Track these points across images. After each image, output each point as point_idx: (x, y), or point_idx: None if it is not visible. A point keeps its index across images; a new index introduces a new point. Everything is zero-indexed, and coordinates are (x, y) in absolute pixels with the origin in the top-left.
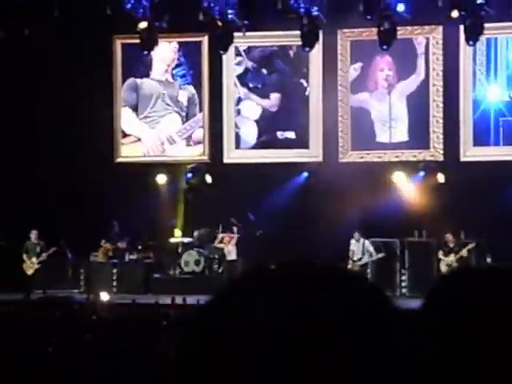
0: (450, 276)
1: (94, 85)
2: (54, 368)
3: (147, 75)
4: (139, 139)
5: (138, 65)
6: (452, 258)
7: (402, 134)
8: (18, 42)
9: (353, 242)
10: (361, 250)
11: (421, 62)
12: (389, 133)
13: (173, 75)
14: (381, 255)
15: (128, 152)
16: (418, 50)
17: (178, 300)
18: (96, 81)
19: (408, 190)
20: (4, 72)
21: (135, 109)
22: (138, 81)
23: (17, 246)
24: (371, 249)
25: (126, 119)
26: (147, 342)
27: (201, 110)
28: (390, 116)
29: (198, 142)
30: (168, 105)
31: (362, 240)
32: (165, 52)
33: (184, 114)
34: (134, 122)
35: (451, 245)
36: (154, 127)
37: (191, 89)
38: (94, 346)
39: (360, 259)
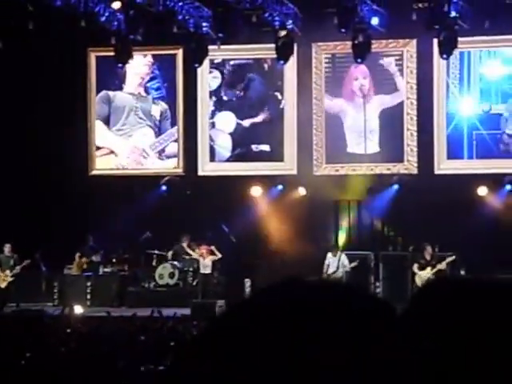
0: (429, 286)
1: (69, 97)
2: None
3: (120, 88)
4: (112, 151)
5: (112, 78)
6: (428, 271)
7: (375, 145)
8: None
9: (329, 255)
10: (336, 264)
11: (399, 80)
12: (363, 144)
13: (146, 88)
14: (353, 264)
15: (101, 165)
16: (391, 70)
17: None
18: (71, 93)
19: (381, 202)
20: None
21: (107, 121)
22: (111, 93)
23: None
24: (346, 262)
25: (98, 132)
26: (121, 355)
27: (173, 124)
28: (364, 127)
29: (172, 156)
30: (141, 118)
31: (338, 254)
32: (139, 66)
33: (157, 128)
34: (105, 134)
35: (428, 258)
36: (128, 139)
37: (163, 104)
38: (67, 358)
39: (334, 272)
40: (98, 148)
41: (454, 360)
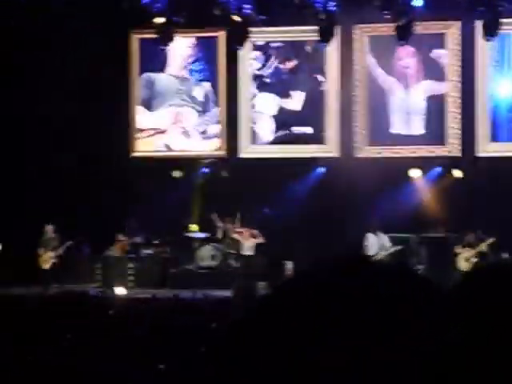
0: (477, 272)
1: (111, 80)
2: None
3: (162, 70)
4: (160, 131)
5: (154, 60)
6: (471, 253)
7: (419, 127)
8: (34, 38)
9: (371, 236)
10: (377, 244)
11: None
12: (408, 125)
13: (190, 70)
14: (398, 247)
15: (145, 147)
16: (443, 62)
17: (199, 294)
18: (113, 75)
19: (425, 185)
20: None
21: (148, 105)
22: (153, 76)
23: (33, 240)
24: (388, 244)
25: (141, 113)
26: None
27: (217, 105)
28: (408, 107)
29: (214, 137)
30: (184, 100)
31: (380, 234)
32: (182, 47)
33: (201, 109)
34: (147, 116)
35: (470, 240)
36: (169, 122)
37: (207, 85)
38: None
39: (376, 254)
40: (141, 130)
41: (478, 350)
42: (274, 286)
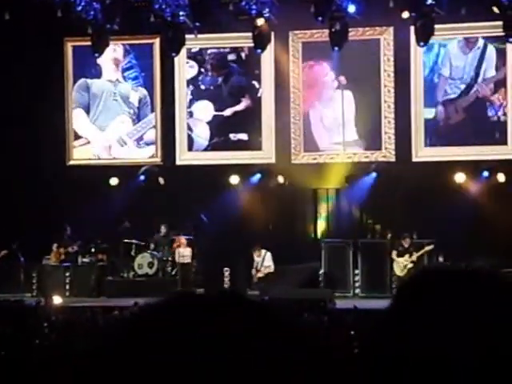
0: (418, 276)
1: (46, 87)
2: (4, 372)
3: (98, 76)
4: (89, 142)
5: (89, 67)
6: (406, 258)
7: (352, 134)
8: None
9: (255, 256)
10: (261, 263)
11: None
12: (341, 133)
13: (124, 78)
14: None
15: (79, 155)
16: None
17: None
18: (47, 83)
19: (360, 191)
20: None
21: (87, 110)
22: (89, 81)
23: None
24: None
25: (79, 120)
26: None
27: (152, 110)
28: (342, 115)
29: (150, 143)
30: (118, 104)
31: (263, 253)
32: (112, 51)
33: (135, 115)
34: (85, 123)
35: (406, 245)
36: (104, 129)
37: (143, 90)
38: (45, 349)
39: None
40: (78, 137)
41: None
42: (209, 293)
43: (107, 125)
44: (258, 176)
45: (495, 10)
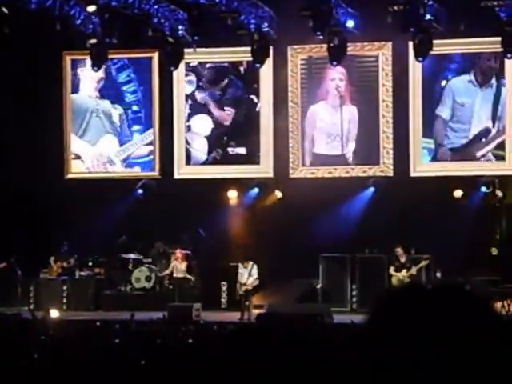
0: (394, 292)
1: (44, 101)
2: None
3: (76, 91)
4: (79, 157)
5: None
6: (404, 273)
7: (351, 148)
8: None
9: (240, 266)
10: (246, 274)
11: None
12: (340, 146)
13: (123, 91)
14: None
15: (74, 168)
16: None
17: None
18: (46, 96)
19: (357, 205)
20: None
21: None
22: (72, 96)
23: None
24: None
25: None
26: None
27: (150, 126)
28: (341, 129)
29: (136, 164)
30: (102, 122)
31: (250, 264)
32: (91, 70)
33: (117, 133)
34: (73, 138)
35: (403, 260)
36: (95, 144)
37: (119, 107)
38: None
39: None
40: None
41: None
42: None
43: (97, 139)
44: (256, 190)
45: (494, 26)
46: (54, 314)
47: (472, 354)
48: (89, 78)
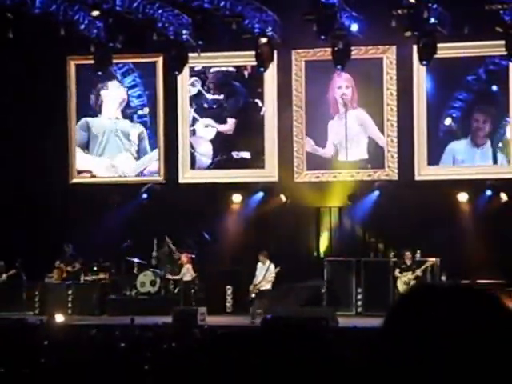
0: (410, 294)
1: (49, 104)
2: None
3: (97, 115)
4: (93, 175)
5: (90, 104)
6: (409, 276)
7: (356, 152)
8: None
9: (259, 265)
10: (263, 274)
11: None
12: (345, 151)
13: (128, 96)
14: (277, 269)
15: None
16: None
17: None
18: (49, 101)
19: (362, 209)
20: None
21: (86, 147)
22: (89, 120)
23: None
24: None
25: (77, 156)
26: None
27: (153, 145)
28: (346, 134)
29: (150, 174)
30: (121, 141)
31: (267, 263)
32: (115, 91)
33: (135, 152)
34: (85, 158)
35: (408, 263)
36: (113, 159)
37: (140, 126)
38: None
39: (260, 282)
40: (79, 172)
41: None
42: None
43: (115, 155)
44: (261, 194)
45: (498, 29)
46: (59, 318)
47: (489, 351)
48: (111, 99)
